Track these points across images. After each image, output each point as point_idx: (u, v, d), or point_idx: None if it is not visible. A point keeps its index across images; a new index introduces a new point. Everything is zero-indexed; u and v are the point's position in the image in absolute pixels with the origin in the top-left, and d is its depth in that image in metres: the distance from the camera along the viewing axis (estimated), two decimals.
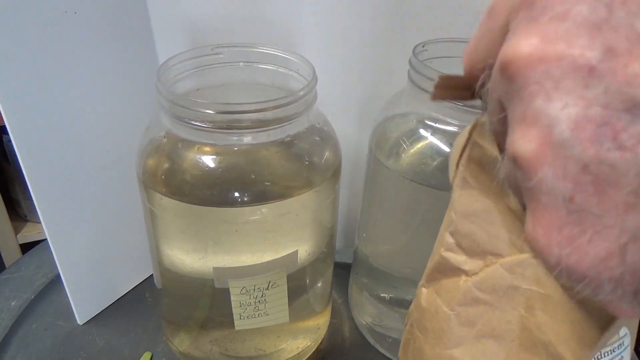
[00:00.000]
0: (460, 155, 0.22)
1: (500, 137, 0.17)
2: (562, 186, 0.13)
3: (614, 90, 0.12)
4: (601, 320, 0.18)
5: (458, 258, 0.22)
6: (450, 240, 0.23)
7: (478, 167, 0.21)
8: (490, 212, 0.21)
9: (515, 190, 0.17)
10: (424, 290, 0.25)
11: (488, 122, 0.18)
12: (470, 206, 0.21)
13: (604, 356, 0.29)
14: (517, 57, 0.13)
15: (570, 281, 0.14)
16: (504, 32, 0.15)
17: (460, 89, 0.20)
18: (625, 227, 0.12)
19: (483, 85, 0.17)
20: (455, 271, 0.23)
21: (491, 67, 0.16)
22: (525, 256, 0.20)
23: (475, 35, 0.17)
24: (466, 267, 0.22)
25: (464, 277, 0.22)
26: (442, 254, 0.23)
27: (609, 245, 0.13)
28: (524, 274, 0.20)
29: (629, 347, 0.29)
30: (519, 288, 0.20)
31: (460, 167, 0.22)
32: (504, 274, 0.21)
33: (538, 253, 0.14)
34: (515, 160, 0.14)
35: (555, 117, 0.13)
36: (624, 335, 0.29)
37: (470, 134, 0.21)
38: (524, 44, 0.13)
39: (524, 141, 0.13)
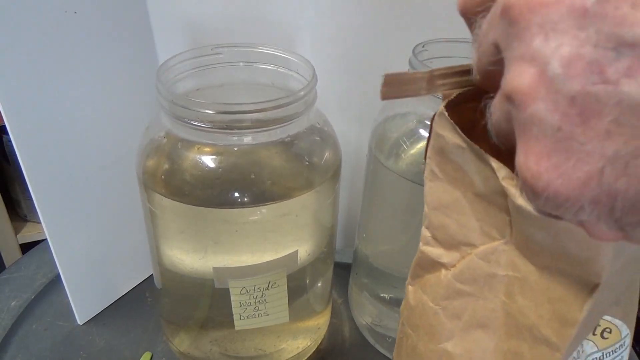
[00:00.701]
0: (426, 149, 0.22)
1: (489, 80, 0.18)
2: (552, 117, 0.14)
3: (604, 31, 0.13)
4: (579, 295, 0.18)
5: (435, 251, 0.23)
6: (426, 234, 0.23)
7: (442, 158, 0.21)
8: (459, 202, 0.21)
9: (502, 134, 0.18)
10: (410, 288, 0.25)
11: (476, 66, 0.19)
12: (440, 198, 0.22)
13: (606, 357, 0.29)
14: (520, 1, 0.15)
15: (554, 206, 0.15)
16: None
17: (409, 85, 0.21)
18: (603, 152, 0.14)
19: (474, 27, 0.18)
20: (435, 265, 0.23)
21: (488, 9, 0.17)
22: (497, 243, 0.20)
23: None
24: (444, 260, 0.22)
25: (444, 271, 0.23)
26: (421, 248, 0.23)
27: (589, 169, 0.14)
28: (498, 261, 0.20)
29: (629, 347, 0.29)
30: (496, 275, 0.21)
31: (427, 160, 0.22)
32: (480, 263, 0.21)
33: (528, 180, 0.15)
34: (511, 96, 0.15)
35: (550, 55, 0.14)
36: (625, 336, 0.29)
37: (431, 125, 0.21)
38: None
39: (520, 77, 0.15)
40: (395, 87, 0.21)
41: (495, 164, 0.18)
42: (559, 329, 0.19)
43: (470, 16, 0.19)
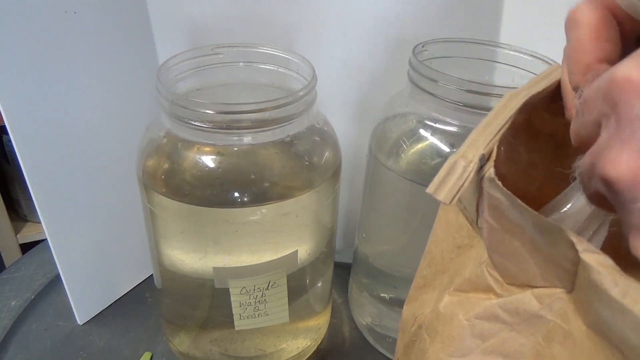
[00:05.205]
0: (478, 203, 0.22)
1: (584, 144, 0.18)
2: None
3: None
4: None
5: (496, 279, 0.22)
6: (490, 264, 0.23)
7: (498, 213, 0.21)
8: (519, 252, 0.21)
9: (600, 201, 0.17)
10: (447, 297, 0.25)
11: (576, 132, 0.19)
12: (500, 247, 0.22)
13: None
14: (625, 81, 0.14)
15: None
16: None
17: None
18: None
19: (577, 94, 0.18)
20: (487, 289, 0.23)
21: (591, 80, 0.17)
22: (558, 290, 0.20)
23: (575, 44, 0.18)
24: (499, 290, 0.22)
25: (492, 296, 0.22)
26: (486, 270, 0.23)
27: None
28: (551, 305, 0.20)
29: None
30: (542, 317, 0.20)
31: (481, 212, 0.22)
32: (532, 301, 0.21)
33: None
34: (607, 183, 0.15)
35: None
36: None
37: (482, 187, 0.21)
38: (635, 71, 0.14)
39: (617, 164, 0.14)
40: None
41: (574, 238, 0.17)
42: None
43: (575, 84, 0.18)
